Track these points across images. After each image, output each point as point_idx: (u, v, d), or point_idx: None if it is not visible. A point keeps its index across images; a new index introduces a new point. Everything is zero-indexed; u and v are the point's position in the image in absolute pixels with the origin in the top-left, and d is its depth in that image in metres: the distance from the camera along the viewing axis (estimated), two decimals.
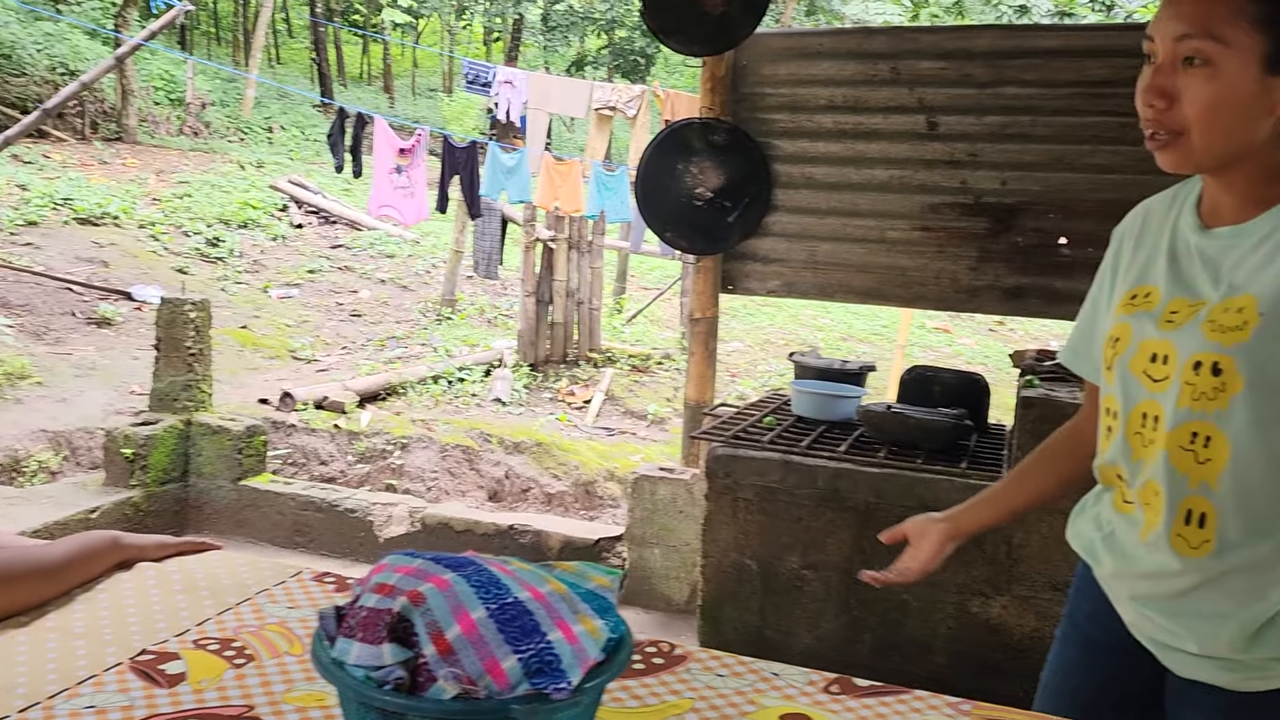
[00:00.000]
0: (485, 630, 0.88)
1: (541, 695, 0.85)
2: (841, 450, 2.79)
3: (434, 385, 6.86)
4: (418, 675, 0.87)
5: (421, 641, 0.88)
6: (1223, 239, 1.19)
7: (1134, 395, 1.21)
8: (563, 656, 0.87)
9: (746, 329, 9.78)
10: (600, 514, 5.54)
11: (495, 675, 0.86)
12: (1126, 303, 1.27)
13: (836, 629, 2.71)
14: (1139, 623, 1.28)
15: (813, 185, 3.81)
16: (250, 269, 9.79)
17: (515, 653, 0.87)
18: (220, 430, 4.36)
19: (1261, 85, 1.08)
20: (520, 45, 24.89)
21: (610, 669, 0.91)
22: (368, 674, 0.87)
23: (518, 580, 0.94)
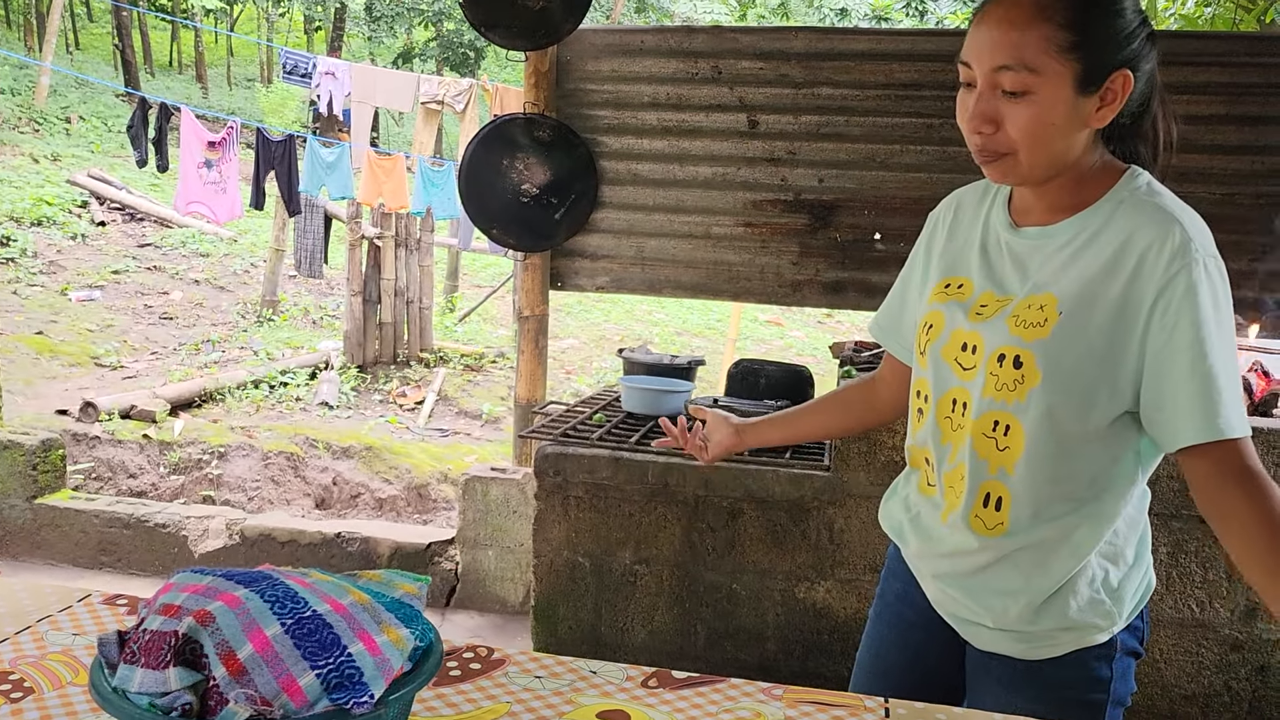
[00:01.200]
0: (280, 647, 0.83)
1: (342, 710, 0.81)
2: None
3: (254, 390, 6.55)
4: (208, 699, 0.82)
5: (211, 663, 0.82)
6: (1031, 238, 1.26)
7: (945, 381, 1.28)
8: (364, 669, 0.84)
9: (581, 325, 9.81)
10: (434, 517, 5.42)
11: (292, 693, 0.81)
12: (940, 291, 1.32)
13: (670, 622, 2.74)
14: (942, 600, 1.34)
15: (639, 182, 3.84)
16: (46, 270, 9.09)
17: (313, 668, 0.82)
18: (11, 445, 4.02)
19: (1074, 104, 1.16)
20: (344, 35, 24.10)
21: (417, 677, 0.88)
22: (152, 701, 0.82)
23: (316, 593, 0.89)
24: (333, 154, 6.77)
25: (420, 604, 0.94)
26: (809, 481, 2.67)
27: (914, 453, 1.37)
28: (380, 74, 8.77)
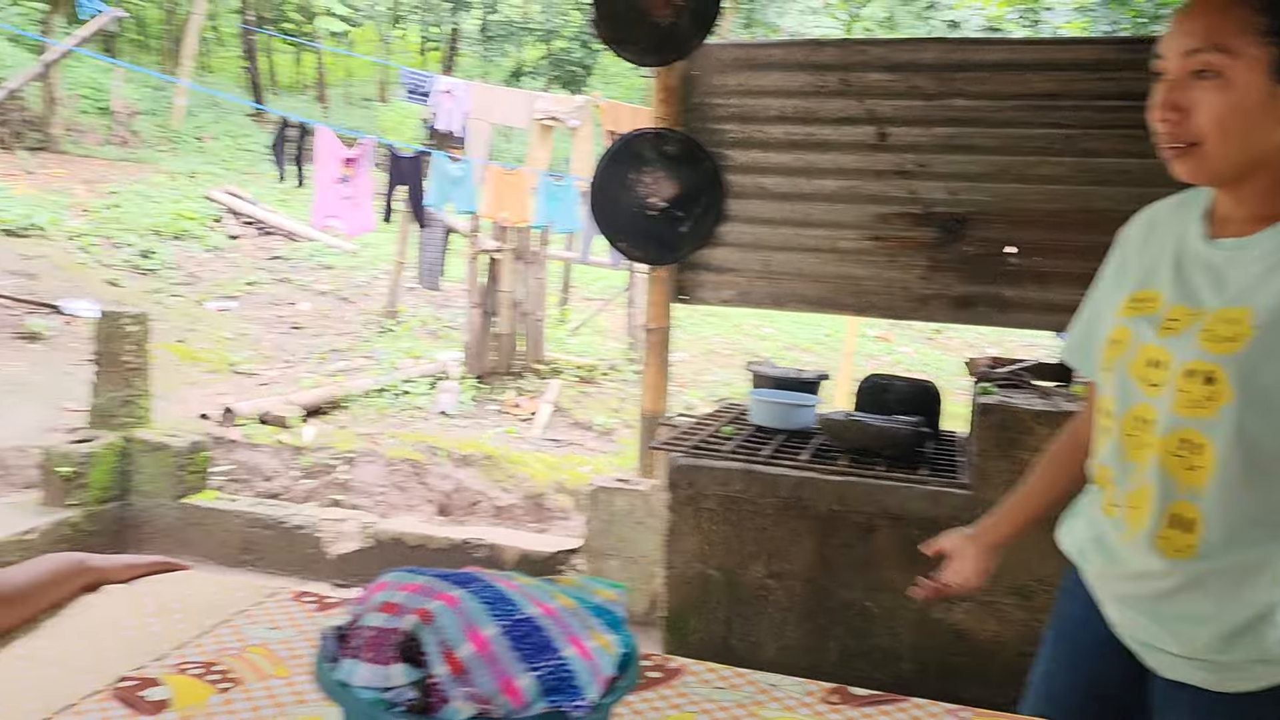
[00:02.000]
0: (498, 648, 0.86)
1: (559, 712, 0.83)
2: (803, 459, 2.80)
3: (378, 398, 6.76)
4: (429, 695, 0.85)
5: (432, 661, 0.85)
6: (1227, 250, 1.21)
7: (1130, 398, 1.24)
8: (578, 673, 0.86)
9: (690, 339, 9.82)
10: (551, 526, 5.50)
11: (511, 694, 0.84)
12: (1128, 306, 1.29)
13: (802, 638, 2.72)
14: (1124, 624, 1.30)
15: (765, 195, 3.85)
16: (185, 281, 9.56)
17: (530, 670, 0.85)
18: (161, 447, 4.24)
19: (1271, 93, 1.12)
20: (457, 55, 24.75)
21: (624, 684, 0.90)
22: (378, 695, 0.85)
23: (525, 596, 0.92)
24: (459, 169, 6.95)
25: (620, 610, 0.96)
26: (947, 499, 2.62)
27: (1098, 471, 1.33)
28: (497, 92, 8.97)
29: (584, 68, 21.77)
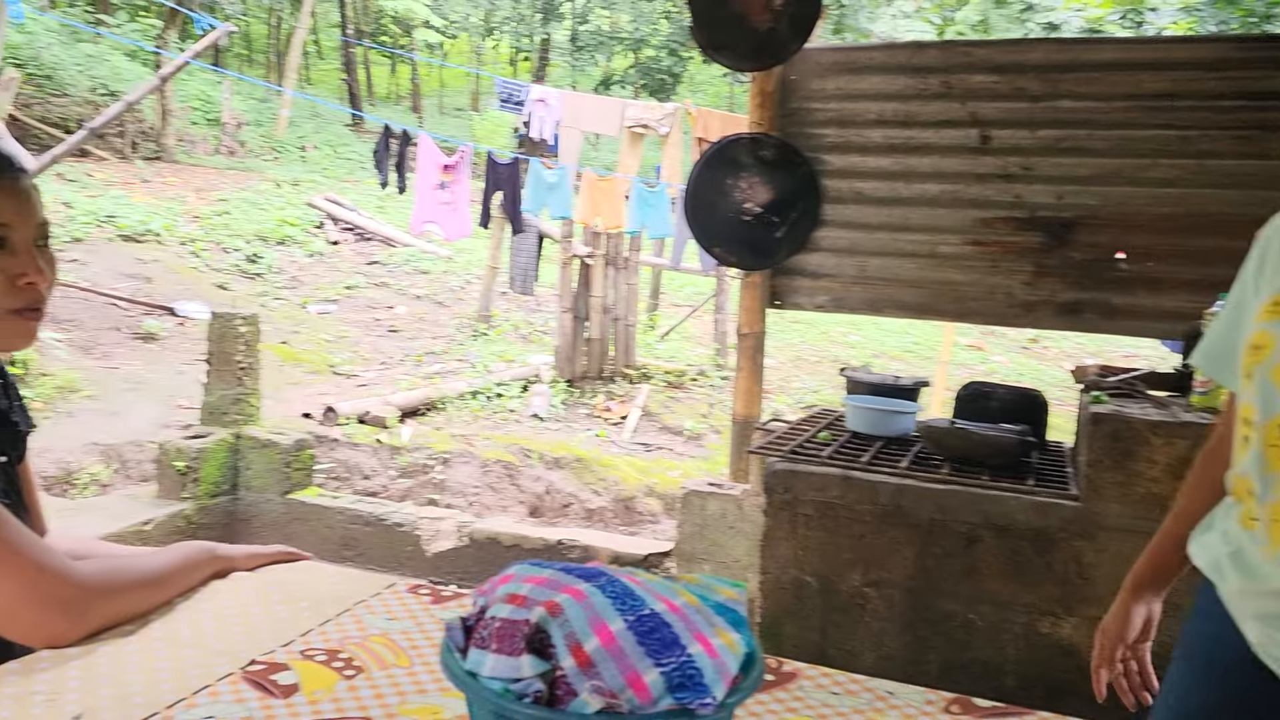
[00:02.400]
0: (625, 642, 0.86)
1: (686, 710, 0.84)
2: (903, 466, 2.76)
3: (472, 400, 6.88)
4: (556, 688, 0.86)
5: (559, 653, 0.86)
6: None
7: (1273, 407, 1.19)
8: (704, 670, 0.86)
9: (778, 345, 9.75)
10: (641, 529, 5.52)
11: (637, 689, 0.84)
12: (1270, 309, 1.23)
13: (900, 648, 2.68)
14: (1265, 643, 1.24)
15: (862, 200, 3.80)
16: (288, 285, 9.88)
17: (657, 665, 0.85)
18: (269, 444, 4.38)
19: None
20: (548, 65, 25.08)
21: (748, 684, 0.89)
22: (506, 686, 0.86)
23: (650, 591, 0.93)
24: (554, 176, 7.04)
25: (742, 609, 0.96)
26: (1055, 510, 2.55)
27: (1236, 483, 1.28)
28: (588, 100, 9.06)
29: (672, 76, 21.85)
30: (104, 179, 12.07)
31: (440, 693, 1.11)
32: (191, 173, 13.85)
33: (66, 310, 7.41)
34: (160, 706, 1.04)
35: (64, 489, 4.74)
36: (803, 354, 9.75)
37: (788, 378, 8.69)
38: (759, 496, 3.34)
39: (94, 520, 3.86)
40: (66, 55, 14.66)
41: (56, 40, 14.78)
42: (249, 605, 1.32)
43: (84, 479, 4.83)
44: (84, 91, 14.41)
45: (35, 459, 2.31)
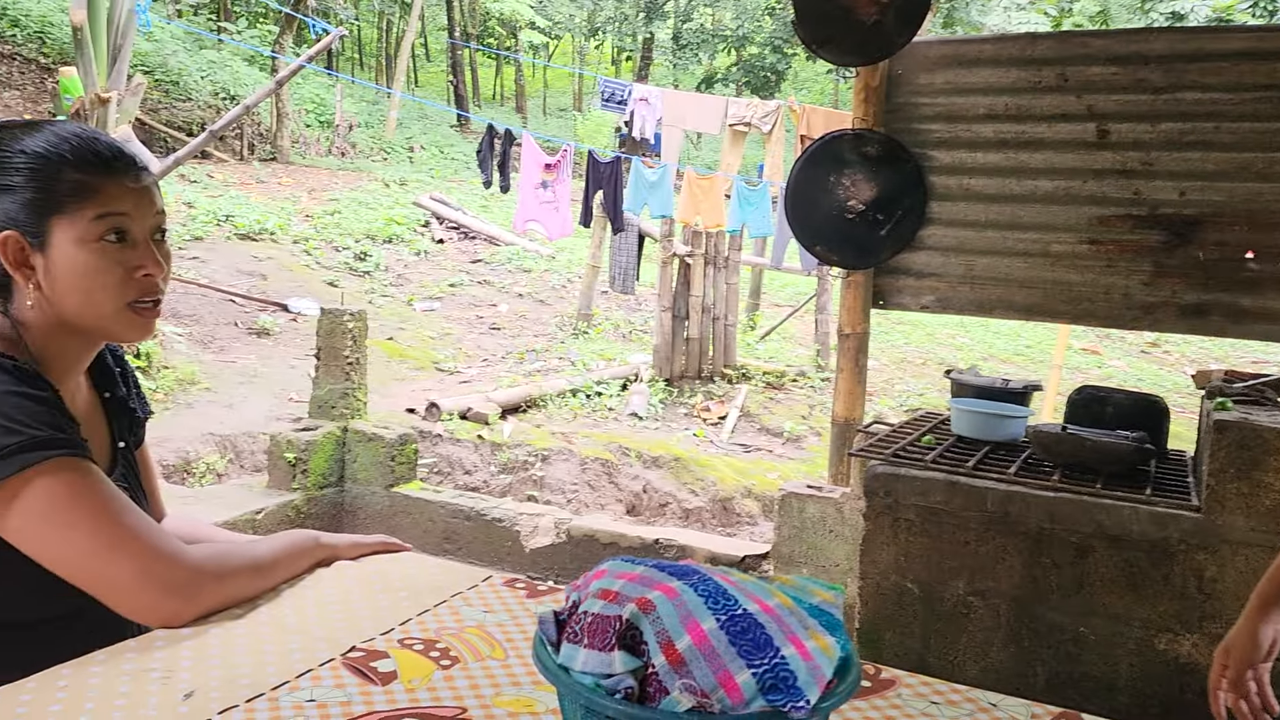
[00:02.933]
0: (717, 642, 0.85)
1: (779, 712, 0.82)
2: (1011, 472, 2.67)
3: (572, 398, 6.94)
4: (647, 685, 0.85)
5: (651, 651, 0.86)
6: None
7: None
8: (798, 673, 0.84)
9: (881, 347, 9.58)
10: (739, 531, 5.48)
11: (729, 689, 0.83)
12: None
13: (1006, 660, 2.59)
14: None
15: (971, 197, 3.70)
16: (395, 283, 10.14)
17: (749, 666, 0.84)
18: (375, 438, 4.50)
19: None
20: (650, 64, 25.16)
21: (844, 689, 0.87)
22: (597, 681, 0.86)
23: (743, 591, 0.91)
24: (655, 174, 7.06)
25: (838, 612, 0.93)
26: (1174, 522, 2.43)
27: None
28: (690, 98, 9.05)
29: (776, 73, 21.69)
30: (223, 179, 12.59)
31: (534, 686, 1.11)
32: (305, 173, 14.34)
33: (187, 306, 7.75)
34: (265, 688, 1.07)
35: (183, 477, 4.96)
36: (907, 356, 9.56)
37: (891, 380, 8.53)
38: (859, 500, 3.28)
39: (209, 508, 4.02)
40: (190, 61, 15.34)
41: (181, 47, 15.48)
42: (350, 593, 1.35)
43: (201, 468, 5.05)
44: (206, 96, 15.06)
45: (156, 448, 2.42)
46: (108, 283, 1.25)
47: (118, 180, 1.25)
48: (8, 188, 1.23)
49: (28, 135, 1.26)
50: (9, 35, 13.77)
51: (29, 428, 1.15)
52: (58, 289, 1.24)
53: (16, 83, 13.23)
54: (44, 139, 1.25)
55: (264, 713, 1.01)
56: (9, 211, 1.23)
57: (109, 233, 1.24)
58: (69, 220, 1.23)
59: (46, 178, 1.23)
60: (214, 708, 1.02)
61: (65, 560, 1.16)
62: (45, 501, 1.14)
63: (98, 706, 1.01)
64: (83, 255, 1.23)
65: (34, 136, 1.25)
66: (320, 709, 1.03)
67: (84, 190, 1.23)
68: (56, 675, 1.08)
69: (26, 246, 1.23)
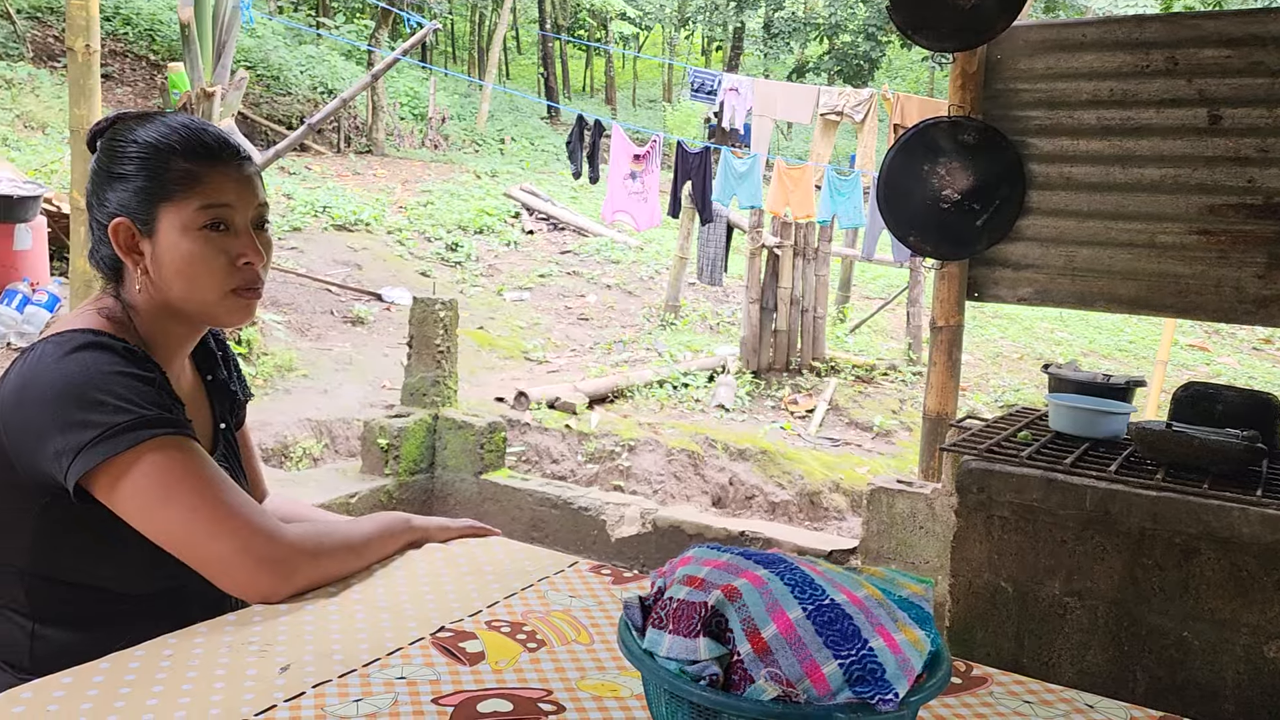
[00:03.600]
0: (803, 631, 0.84)
1: (865, 705, 0.80)
2: (1111, 470, 2.58)
3: (659, 389, 6.94)
4: (731, 673, 0.85)
5: (736, 638, 0.85)
6: None
7: None
8: (886, 665, 0.82)
9: (975, 341, 9.37)
10: (825, 525, 5.42)
11: (815, 679, 0.82)
12: None
13: (1104, 664, 2.51)
14: None
15: (1072, 186, 3.58)
16: (485, 273, 10.29)
17: (836, 657, 0.82)
18: (464, 425, 4.57)
19: None
20: (741, 54, 25.00)
21: (934, 684, 0.85)
22: (681, 667, 0.86)
23: (831, 582, 0.90)
24: (744, 164, 7.01)
25: (928, 605, 0.91)
26: None
27: None
28: (781, 88, 8.96)
29: (869, 61, 21.33)
30: (321, 172, 12.93)
31: (619, 671, 1.12)
32: (399, 165, 14.65)
33: (286, 294, 7.99)
34: (357, 664, 1.09)
35: (280, 461, 5.12)
36: (1003, 350, 9.33)
37: (985, 375, 8.34)
38: (951, 496, 3.21)
39: (305, 491, 4.14)
40: (290, 56, 15.80)
41: (282, 43, 15.95)
42: (440, 575, 1.37)
43: (298, 452, 5.20)
44: (305, 90, 15.48)
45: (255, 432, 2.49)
46: (210, 270, 1.29)
47: (222, 170, 1.30)
48: (121, 176, 1.29)
49: (140, 126, 1.31)
50: (121, 33, 14.36)
51: (138, 407, 1.19)
52: (164, 274, 1.29)
53: (128, 79, 13.80)
54: (155, 129, 1.30)
55: (356, 688, 1.04)
56: (121, 199, 1.29)
57: (212, 222, 1.29)
58: (175, 208, 1.27)
59: (156, 166, 1.28)
60: (308, 681, 1.05)
61: (169, 535, 1.21)
62: (152, 478, 1.19)
63: (200, 675, 1.05)
64: (187, 243, 1.28)
65: (146, 127, 1.31)
66: (410, 686, 1.05)
67: (191, 179, 1.28)
68: (163, 644, 1.12)
69: (136, 233, 1.28)
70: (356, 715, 0.98)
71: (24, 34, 12.96)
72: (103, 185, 1.30)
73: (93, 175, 1.33)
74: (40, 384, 1.19)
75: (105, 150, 1.32)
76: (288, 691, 1.02)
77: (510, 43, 28.79)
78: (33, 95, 11.73)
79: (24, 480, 1.20)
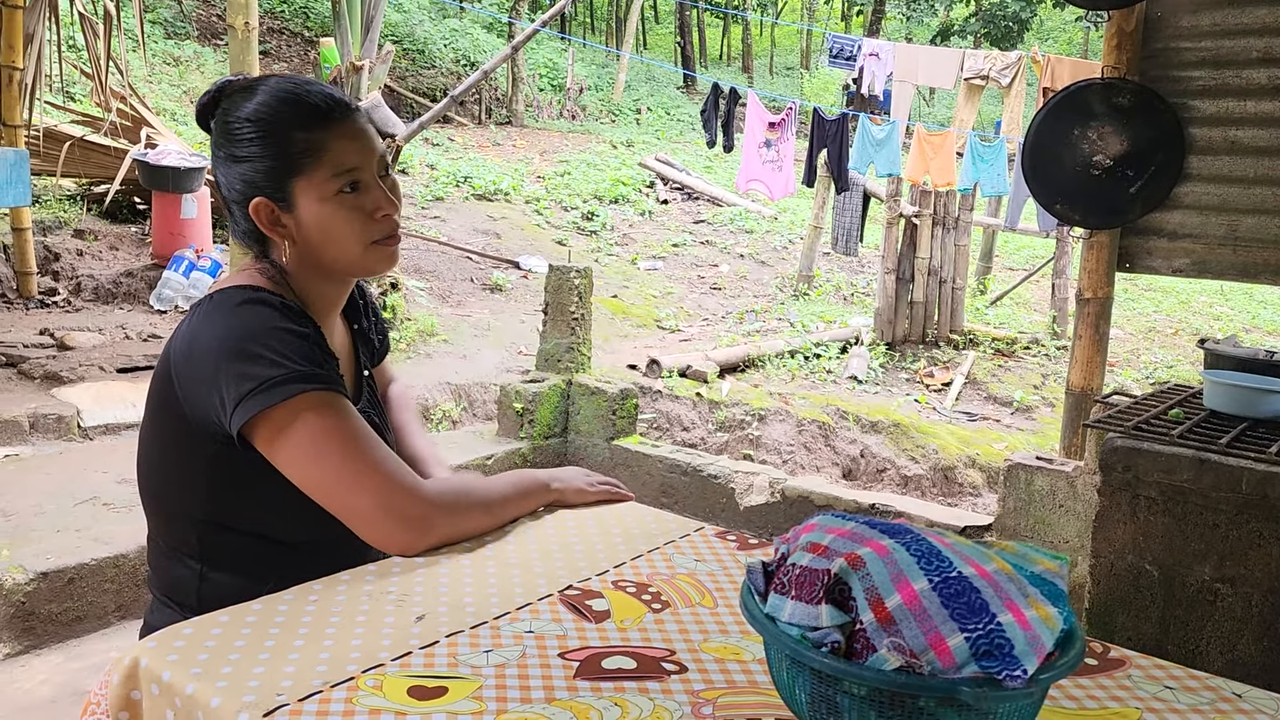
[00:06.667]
0: (928, 602, 0.83)
1: (992, 680, 0.79)
2: (1272, 451, 2.43)
3: (790, 360, 6.88)
4: (854, 641, 0.85)
5: (859, 607, 0.85)
6: None
7: None
8: (1015, 641, 0.81)
9: (1127, 315, 8.92)
10: (960, 501, 5.29)
11: (940, 651, 0.81)
12: None
13: (1258, 655, 2.38)
14: None
15: (1237, 150, 3.36)
16: (620, 242, 10.37)
17: (962, 630, 0.81)
18: (597, 391, 4.64)
19: None
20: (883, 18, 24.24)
21: (1065, 662, 0.83)
22: (803, 634, 0.86)
23: (959, 554, 0.88)
24: (882, 131, 6.84)
25: (1062, 583, 0.89)
26: None
27: None
28: (923, 51, 8.68)
29: (1019, 22, 20.37)
30: (463, 143, 13.25)
31: (741, 634, 1.13)
32: (537, 136, 14.87)
33: (428, 262, 8.24)
34: (489, 617, 1.14)
35: (422, 423, 5.30)
36: (1156, 325, 8.86)
37: (1137, 350, 7.94)
38: (1094, 475, 3.08)
39: (445, 452, 4.25)
40: (434, 30, 16.20)
41: (427, 17, 16.36)
42: (569, 535, 1.41)
43: (438, 415, 5.38)
44: (448, 63, 15.87)
45: None
46: (352, 230, 1.34)
47: (339, 130, 1.32)
48: (245, 158, 1.32)
49: (247, 101, 1.33)
50: (278, 10, 15.01)
51: (293, 361, 1.26)
52: (311, 242, 1.35)
53: (284, 55, 14.43)
54: (263, 103, 1.32)
55: (486, 639, 1.08)
56: (252, 179, 1.32)
57: (345, 186, 1.33)
58: (308, 181, 1.32)
59: (277, 143, 1.31)
60: (442, 630, 1.10)
61: (318, 486, 1.28)
62: (303, 432, 1.26)
63: (342, 620, 1.12)
64: (327, 209, 1.33)
65: (253, 102, 1.32)
66: (538, 640, 1.09)
67: (315, 149, 1.31)
68: (309, 590, 1.20)
69: (276, 209, 1.34)
70: (486, 665, 1.03)
71: (190, 13, 13.71)
72: (229, 167, 1.34)
73: (214, 157, 1.36)
74: (206, 337, 1.27)
75: (221, 132, 1.35)
76: (423, 639, 1.07)
77: (648, 12, 28.73)
78: (198, 71, 12.41)
79: (196, 430, 1.29)
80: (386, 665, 1.02)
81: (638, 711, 0.95)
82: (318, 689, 0.96)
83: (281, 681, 0.97)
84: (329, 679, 0.98)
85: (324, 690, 0.96)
